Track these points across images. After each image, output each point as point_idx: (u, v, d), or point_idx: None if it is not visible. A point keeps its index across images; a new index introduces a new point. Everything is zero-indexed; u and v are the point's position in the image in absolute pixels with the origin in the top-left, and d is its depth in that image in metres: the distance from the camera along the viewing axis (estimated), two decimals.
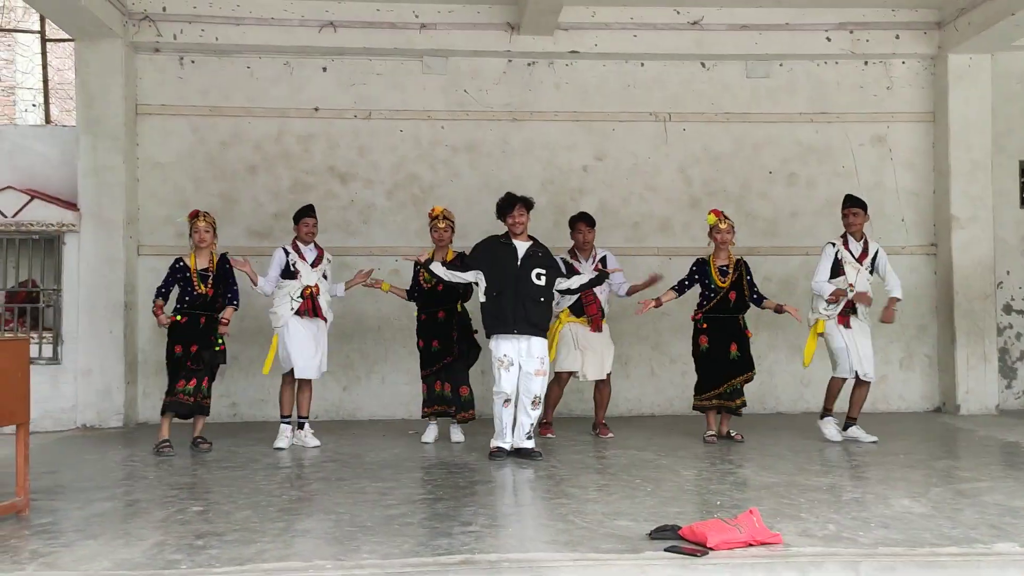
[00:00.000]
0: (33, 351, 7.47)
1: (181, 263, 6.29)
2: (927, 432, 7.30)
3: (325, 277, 6.56)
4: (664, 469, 5.58)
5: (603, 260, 6.81)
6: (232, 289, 6.35)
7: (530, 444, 5.92)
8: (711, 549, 3.69)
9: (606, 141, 8.33)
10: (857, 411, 6.65)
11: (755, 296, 6.65)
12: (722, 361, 6.52)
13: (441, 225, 6.58)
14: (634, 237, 8.32)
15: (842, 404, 6.71)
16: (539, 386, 5.86)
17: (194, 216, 6.34)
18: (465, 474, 5.51)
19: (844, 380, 6.61)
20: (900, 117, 8.47)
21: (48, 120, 9.42)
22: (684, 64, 8.34)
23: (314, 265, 6.49)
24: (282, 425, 6.46)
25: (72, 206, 7.58)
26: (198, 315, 6.25)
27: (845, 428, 6.64)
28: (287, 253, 6.44)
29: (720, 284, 6.53)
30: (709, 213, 6.66)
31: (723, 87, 8.39)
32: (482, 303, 5.99)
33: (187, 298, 6.25)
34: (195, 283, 6.20)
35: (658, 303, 6.55)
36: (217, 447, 6.41)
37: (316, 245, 6.57)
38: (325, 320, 6.52)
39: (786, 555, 3.69)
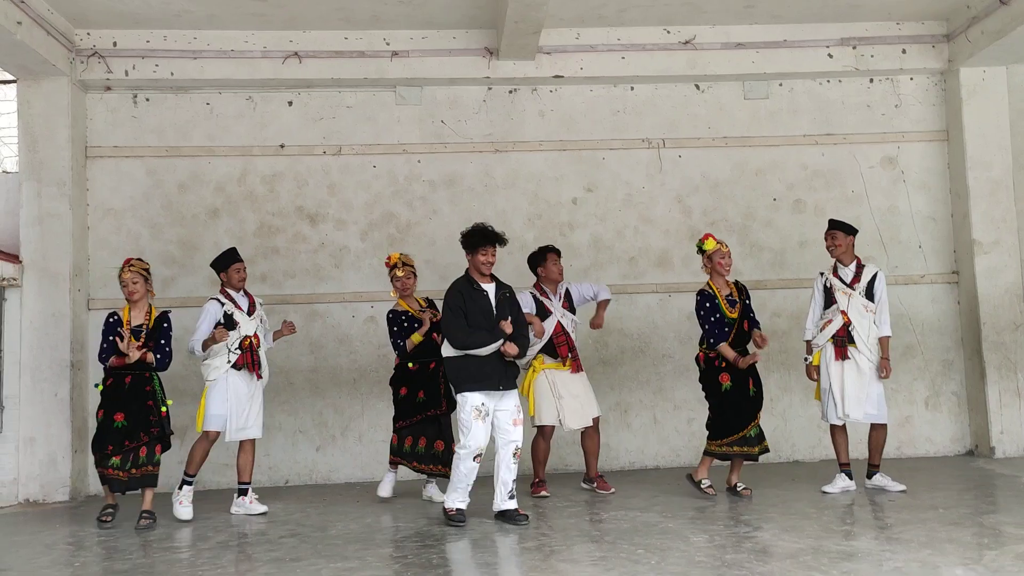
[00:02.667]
0: None
1: (115, 317, 5.65)
2: (963, 479, 6.55)
3: (261, 323, 6.02)
4: (671, 535, 4.86)
5: (568, 294, 6.37)
6: (163, 350, 5.66)
7: (513, 504, 5.25)
8: None
9: (596, 171, 7.73)
10: (877, 457, 6.07)
11: (752, 317, 6.03)
12: (744, 400, 5.86)
13: (400, 273, 6.10)
14: (631, 273, 7.69)
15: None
16: (520, 434, 5.32)
17: (125, 265, 5.72)
18: (440, 548, 4.77)
19: (840, 426, 6.04)
20: (911, 137, 7.91)
21: None
22: (677, 86, 7.79)
23: (249, 313, 5.97)
24: (185, 487, 5.78)
25: (15, 259, 6.96)
26: (123, 374, 5.57)
27: (869, 477, 6.08)
28: (221, 304, 5.86)
29: (731, 315, 5.89)
30: (706, 238, 5.97)
31: (720, 109, 7.82)
32: (449, 356, 5.34)
33: (114, 355, 5.59)
34: (121, 338, 5.50)
35: (745, 361, 5.80)
36: (166, 523, 5.66)
37: (245, 291, 6.03)
38: (261, 377, 5.92)
39: None
